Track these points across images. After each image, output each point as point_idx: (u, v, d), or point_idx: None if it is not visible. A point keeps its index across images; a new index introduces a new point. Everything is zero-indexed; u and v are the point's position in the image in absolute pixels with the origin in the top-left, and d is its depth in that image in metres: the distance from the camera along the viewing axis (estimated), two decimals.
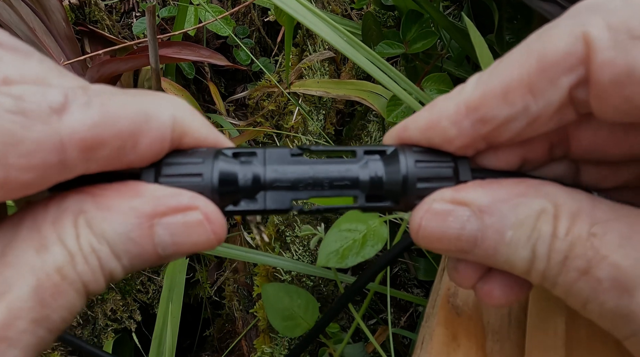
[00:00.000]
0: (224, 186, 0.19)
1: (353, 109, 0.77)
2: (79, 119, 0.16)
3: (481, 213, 0.19)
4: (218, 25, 0.77)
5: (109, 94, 0.17)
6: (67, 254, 0.17)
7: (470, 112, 0.19)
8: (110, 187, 0.18)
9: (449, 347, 0.29)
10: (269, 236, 0.65)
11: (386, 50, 0.58)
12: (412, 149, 0.21)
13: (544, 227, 0.18)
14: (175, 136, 0.19)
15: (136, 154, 0.18)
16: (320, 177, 0.20)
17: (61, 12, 0.72)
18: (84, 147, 0.16)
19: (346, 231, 0.48)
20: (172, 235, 0.18)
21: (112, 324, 0.69)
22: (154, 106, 0.18)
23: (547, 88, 0.18)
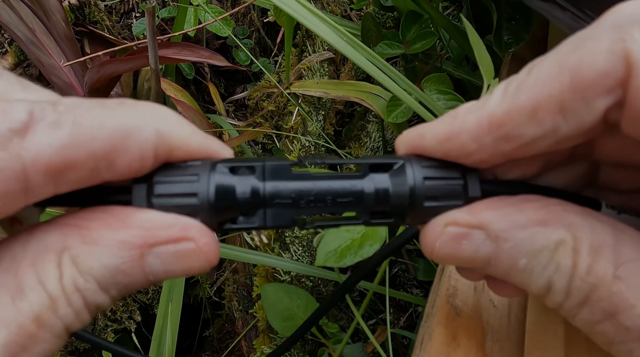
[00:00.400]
0: (221, 205, 0.18)
1: (352, 110, 0.77)
2: (45, 141, 0.15)
3: (497, 238, 0.18)
4: (218, 26, 0.78)
5: (83, 110, 0.16)
6: (47, 298, 0.15)
7: (494, 129, 0.18)
8: (96, 217, 0.17)
9: (449, 347, 0.29)
10: (268, 236, 0.65)
11: (386, 50, 0.58)
12: (421, 164, 0.20)
13: (562, 260, 0.17)
14: (161, 152, 0.17)
15: (114, 173, 0.17)
16: (323, 194, 0.19)
17: (61, 13, 0.72)
18: (51, 172, 0.15)
19: (345, 231, 0.48)
20: (164, 264, 0.17)
21: (112, 324, 0.69)
22: (134, 121, 0.16)
23: (581, 109, 0.16)
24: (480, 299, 0.31)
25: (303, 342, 0.61)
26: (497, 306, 0.31)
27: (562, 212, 0.18)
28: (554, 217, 0.18)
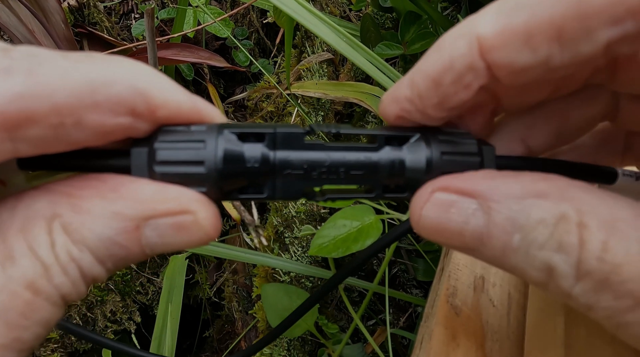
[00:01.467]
0: (229, 175, 0.17)
1: (352, 111, 0.77)
2: None
3: (489, 208, 0.16)
4: (217, 27, 0.78)
5: (41, 58, 0.14)
6: (40, 265, 0.14)
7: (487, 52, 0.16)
8: (87, 185, 0.16)
9: (448, 346, 0.29)
10: (268, 237, 0.65)
11: (385, 51, 0.58)
12: (439, 138, 0.19)
13: (564, 237, 0.15)
14: (141, 110, 0.16)
15: (84, 134, 0.15)
16: (337, 165, 0.18)
17: (60, 14, 0.72)
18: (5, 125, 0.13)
19: (342, 226, 0.48)
20: (162, 237, 0.16)
21: (112, 325, 0.69)
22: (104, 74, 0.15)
23: (580, 39, 0.15)
24: (479, 299, 0.31)
25: (303, 343, 0.61)
26: (496, 305, 0.31)
27: (565, 186, 0.16)
28: (554, 191, 0.16)
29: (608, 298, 0.14)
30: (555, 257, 0.15)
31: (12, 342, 0.14)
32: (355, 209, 0.50)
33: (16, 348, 0.14)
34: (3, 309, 0.14)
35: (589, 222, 0.15)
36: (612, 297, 0.14)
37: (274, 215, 0.66)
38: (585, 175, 0.22)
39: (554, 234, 0.15)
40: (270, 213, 0.67)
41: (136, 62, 0.16)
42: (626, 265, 0.14)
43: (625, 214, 0.15)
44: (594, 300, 0.15)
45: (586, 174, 0.22)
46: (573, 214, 0.15)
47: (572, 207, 0.15)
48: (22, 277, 0.14)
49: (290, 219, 0.64)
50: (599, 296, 0.15)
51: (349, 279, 0.59)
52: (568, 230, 0.15)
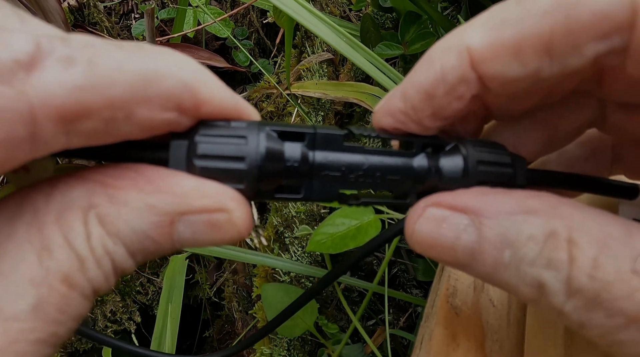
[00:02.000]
0: (269, 173, 0.17)
1: (352, 111, 0.77)
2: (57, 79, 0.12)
3: (480, 224, 0.16)
4: (217, 27, 0.78)
5: (99, 49, 0.13)
6: (76, 259, 0.14)
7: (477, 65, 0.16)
8: (124, 175, 0.15)
9: (448, 347, 0.29)
10: (268, 237, 0.65)
11: (385, 51, 0.58)
12: (475, 147, 0.19)
13: (554, 254, 0.15)
14: (187, 105, 0.15)
15: (131, 128, 0.15)
16: (374, 169, 0.18)
17: (60, 14, 0.72)
18: (63, 118, 0.13)
19: (340, 224, 0.48)
20: (195, 233, 0.16)
21: (112, 325, 0.69)
22: (156, 67, 0.14)
23: (568, 53, 0.15)
24: (479, 299, 0.31)
25: (302, 343, 0.61)
26: (496, 305, 0.31)
27: (556, 203, 0.16)
28: (545, 207, 0.16)
29: (600, 316, 0.14)
30: (546, 273, 0.15)
31: (49, 338, 0.14)
32: (355, 208, 0.50)
33: (51, 343, 0.14)
34: (41, 304, 0.13)
35: (579, 239, 0.15)
36: (603, 316, 0.14)
37: (274, 215, 0.66)
38: (607, 190, 0.22)
39: (544, 250, 0.15)
40: (270, 213, 0.67)
41: (183, 55, 0.16)
42: (617, 283, 0.14)
43: (616, 232, 0.15)
44: (586, 318, 0.15)
45: (608, 190, 0.22)
46: (563, 231, 0.15)
47: (562, 224, 0.15)
48: (59, 270, 0.14)
49: (290, 219, 0.64)
50: (590, 314, 0.14)
51: (348, 279, 0.59)
52: (558, 246, 0.15)
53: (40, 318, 0.13)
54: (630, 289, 0.14)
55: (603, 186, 0.22)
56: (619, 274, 0.14)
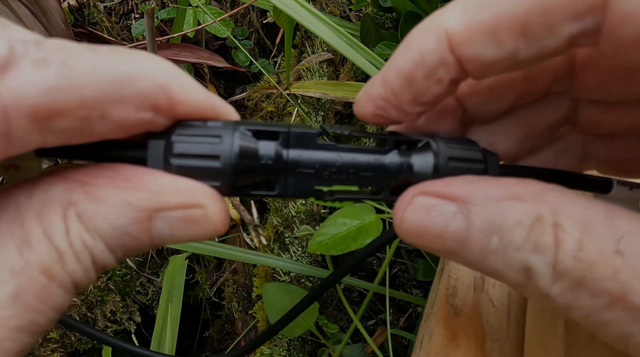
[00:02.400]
0: (243, 170, 0.17)
1: (351, 110, 0.77)
2: (30, 80, 0.13)
3: (468, 211, 0.16)
4: (217, 27, 0.78)
5: (72, 51, 0.14)
6: (55, 252, 0.15)
7: (455, 47, 0.16)
8: (102, 174, 0.16)
9: (448, 347, 0.29)
10: (268, 237, 0.65)
11: (385, 51, 0.58)
12: (446, 144, 0.19)
13: (540, 238, 0.15)
14: (162, 105, 0.16)
15: (107, 127, 0.15)
16: (347, 166, 0.19)
17: (60, 14, 0.72)
18: (36, 116, 0.13)
19: (342, 225, 0.48)
20: (172, 228, 0.17)
21: (112, 325, 0.69)
22: (130, 69, 0.15)
23: (544, 34, 0.15)
24: (479, 299, 0.31)
25: (303, 343, 0.61)
26: (496, 305, 0.31)
27: (541, 190, 0.16)
28: (530, 193, 0.16)
29: (585, 297, 0.15)
30: (532, 257, 0.15)
31: (28, 325, 0.14)
32: (356, 208, 0.50)
33: (31, 330, 0.14)
34: (20, 292, 0.14)
35: (564, 223, 0.15)
36: (588, 296, 0.14)
37: (274, 215, 0.66)
38: (582, 185, 0.23)
39: (530, 235, 0.15)
40: (270, 213, 0.67)
41: (158, 57, 0.16)
42: (601, 263, 0.14)
43: (599, 214, 0.15)
44: (572, 299, 0.15)
45: (583, 184, 0.23)
46: (548, 215, 0.15)
47: (548, 209, 0.15)
48: (38, 262, 0.14)
49: (290, 219, 0.64)
50: (576, 295, 0.15)
51: (349, 279, 0.59)
52: (544, 230, 0.15)
53: (20, 306, 0.14)
54: (613, 269, 0.14)
55: (577, 180, 0.23)
56: (603, 255, 0.14)
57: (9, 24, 0.14)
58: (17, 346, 0.14)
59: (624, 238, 0.14)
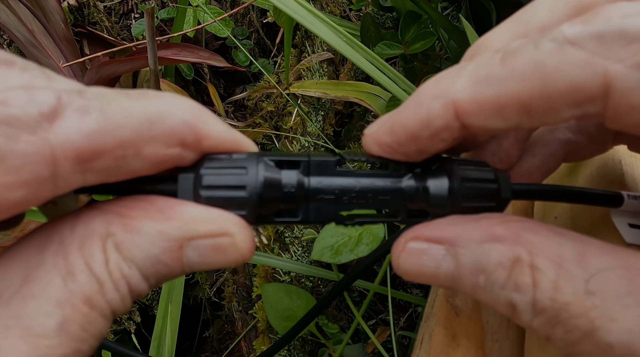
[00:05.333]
0: (268, 199, 0.19)
1: (352, 110, 0.77)
2: (74, 126, 0.15)
3: (456, 253, 0.18)
4: (217, 27, 0.78)
5: (109, 98, 0.16)
6: (96, 282, 0.16)
7: (462, 116, 0.18)
8: (137, 206, 0.17)
9: (448, 347, 0.29)
10: (268, 237, 0.65)
11: (385, 51, 0.58)
12: (459, 166, 0.20)
13: (520, 278, 0.17)
14: (190, 141, 0.17)
15: (141, 163, 0.17)
16: (365, 191, 0.20)
17: (60, 14, 0.72)
18: (79, 158, 0.15)
19: (343, 228, 0.48)
20: (201, 256, 0.18)
21: (112, 325, 0.69)
22: (159, 110, 0.17)
23: (546, 115, 0.16)
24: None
25: (303, 343, 0.61)
26: None
27: (519, 229, 0.17)
28: (510, 234, 0.17)
29: (561, 331, 0.16)
30: (515, 296, 0.17)
31: (73, 353, 0.15)
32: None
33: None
34: (65, 322, 0.15)
35: (540, 264, 0.16)
36: (563, 331, 0.16)
37: None
38: (593, 200, 0.24)
39: (511, 275, 0.17)
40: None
41: (183, 97, 0.18)
42: (574, 303, 0.16)
43: (570, 253, 0.16)
44: (550, 332, 0.16)
45: (594, 199, 0.24)
46: (525, 257, 0.17)
47: (525, 250, 0.17)
48: (81, 292, 0.15)
49: None
50: (553, 329, 0.16)
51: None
52: (522, 272, 0.17)
53: (65, 335, 0.15)
54: (584, 309, 0.15)
55: (588, 196, 0.24)
56: (575, 296, 0.16)
57: (52, 74, 0.16)
58: None
59: (594, 277, 0.16)
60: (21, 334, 0.14)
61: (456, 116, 0.18)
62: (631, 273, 0.16)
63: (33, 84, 0.15)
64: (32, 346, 0.14)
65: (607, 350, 0.15)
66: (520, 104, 0.16)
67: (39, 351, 0.14)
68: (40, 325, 0.15)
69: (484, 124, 0.17)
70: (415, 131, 0.19)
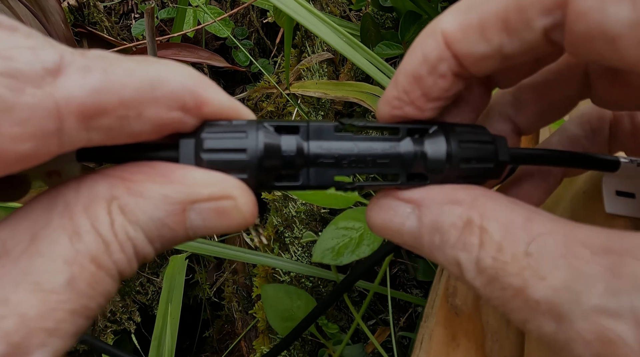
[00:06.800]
0: (269, 162, 0.19)
1: (352, 110, 0.77)
2: (77, 83, 0.15)
3: (420, 212, 0.19)
4: (217, 27, 0.78)
5: (111, 60, 0.16)
6: (102, 242, 0.16)
7: (451, 45, 0.19)
8: (140, 171, 0.18)
9: (448, 347, 0.29)
10: (268, 237, 0.65)
11: (385, 51, 0.58)
12: (455, 130, 0.20)
13: (468, 238, 0.18)
14: (190, 106, 0.18)
15: (142, 125, 0.17)
16: (364, 154, 0.20)
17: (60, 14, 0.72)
18: (83, 114, 0.15)
19: (343, 228, 0.48)
20: (205, 220, 0.18)
21: (112, 325, 0.69)
22: (162, 74, 0.17)
23: (522, 28, 0.17)
24: (479, 299, 0.31)
25: (303, 343, 0.61)
26: None
27: (477, 194, 0.19)
28: (467, 198, 0.19)
29: (497, 289, 0.17)
30: (461, 254, 0.18)
31: (81, 309, 0.16)
32: (357, 211, 0.50)
33: (84, 314, 0.16)
34: (74, 279, 0.15)
35: (488, 227, 0.18)
36: (499, 288, 0.17)
37: (274, 215, 0.66)
38: (591, 164, 0.25)
39: (461, 235, 0.18)
40: (270, 213, 0.67)
41: (185, 65, 0.18)
42: (512, 263, 0.17)
43: (519, 218, 0.17)
44: (489, 290, 0.17)
45: (591, 163, 0.25)
46: (477, 219, 0.18)
47: (478, 213, 0.18)
48: (88, 251, 0.16)
49: (290, 219, 0.64)
50: (492, 287, 0.17)
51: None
52: (472, 232, 0.18)
53: (74, 291, 0.15)
54: (520, 268, 0.16)
55: (585, 160, 0.24)
56: (514, 256, 0.17)
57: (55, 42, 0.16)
58: (74, 327, 0.16)
59: (535, 240, 0.17)
60: (31, 289, 0.15)
61: (447, 46, 0.19)
62: (568, 239, 0.16)
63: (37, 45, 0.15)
64: (42, 300, 0.15)
65: (534, 306, 0.16)
66: (499, 19, 0.17)
67: (49, 304, 0.15)
68: (48, 281, 0.15)
69: (470, 49, 0.18)
70: (415, 71, 0.20)
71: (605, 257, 0.16)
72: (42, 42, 0.16)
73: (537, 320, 0.16)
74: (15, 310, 0.15)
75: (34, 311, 0.15)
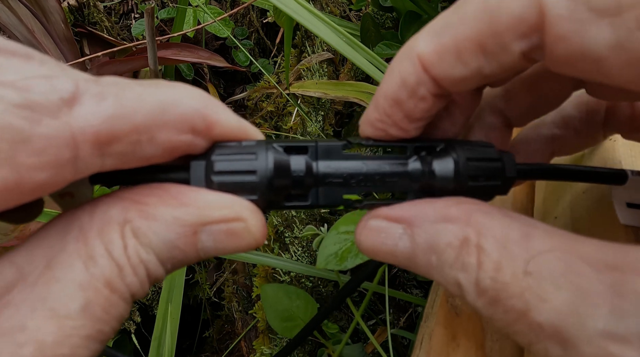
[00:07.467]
0: (279, 183, 0.19)
1: (352, 110, 0.77)
2: (92, 111, 0.15)
3: (412, 232, 0.19)
4: (217, 27, 0.78)
5: (123, 86, 0.17)
6: (116, 266, 0.16)
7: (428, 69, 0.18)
8: (152, 193, 0.18)
9: (448, 347, 0.29)
10: (268, 237, 0.65)
11: (385, 51, 0.58)
12: (463, 147, 0.20)
13: (466, 258, 0.17)
14: (200, 128, 0.18)
15: (154, 148, 0.17)
16: (372, 173, 0.20)
17: (60, 14, 0.72)
18: (98, 142, 0.16)
19: (344, 233, 0.48)
20: (216, 241, 0.18)
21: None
22: (170, 97, 0.17)
23: (499, 52, 0.17)
24: None
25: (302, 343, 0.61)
26: None
27: (471, 211, 0.18)
28: (461, 215, 0.18)
29: (500, 311, 0.17)
30: (460, 275, 0.17)
31: (96, 334, 0.16)
32: (356, 215, 0.50)
33: (99, 339, 0.16)
34: (88, 304, 0.16)
35: (485, 245, 0.17)
36: (502, 311, 0.16)
37: (274, 215, 0.66)
38: (598, 178, 0.24)
39: (459, 255, 0.17)
40: (270, 213, 0.67)
41: (194, 87, 0.19)
42: (512, 283, 0.16)
43: (515, 234, 0.17)
44: (491, 312, 0.17)
45: (599, 178, 0.24)
46: (473, 237, 0.17)
47: (473, 231, 0.17)
48: (102, 276, 0.16)
49: (290, 219, 0.64)
50: (494, 309, 0.17)
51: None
52: (469, 252, 0.17)
53: (89, 317, 0.16)
54: (521, 289, 0.16)
55: (592, 174, 0.24)
56: (514, 276, 0.16)
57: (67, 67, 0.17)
58: (88, 353, 0.16)
59: (534, 259, 0.16)
60: (47, 315, 0.15)
61: (424, 69, 0.18)
62: (569, 256, 0.16)
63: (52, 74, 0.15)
64: (58, 326, 0.15)
65: (538, 330, 0.16)
66: (475, 44, 0.17)
67: (65, 331, 0.15)
68: (64, 307, 0.15)
69: (448, 72, 0.18)
70: (395, 95, 0.19)
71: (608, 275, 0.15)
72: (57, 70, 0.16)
73: (542, 344, 0.16)
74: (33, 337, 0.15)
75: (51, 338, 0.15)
